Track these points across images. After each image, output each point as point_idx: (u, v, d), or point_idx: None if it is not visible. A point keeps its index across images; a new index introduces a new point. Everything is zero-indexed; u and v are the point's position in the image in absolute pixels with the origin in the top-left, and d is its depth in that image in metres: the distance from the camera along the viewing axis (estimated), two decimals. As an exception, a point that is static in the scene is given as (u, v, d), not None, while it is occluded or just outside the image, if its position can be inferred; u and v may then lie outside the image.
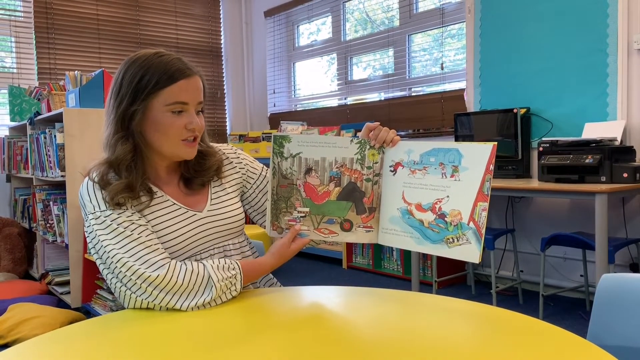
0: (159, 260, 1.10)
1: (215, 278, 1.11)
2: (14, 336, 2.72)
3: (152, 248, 1.11)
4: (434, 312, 1.03)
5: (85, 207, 1.16)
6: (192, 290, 1.09)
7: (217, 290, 1.10)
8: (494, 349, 0.86)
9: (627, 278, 1.09)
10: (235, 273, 1.15)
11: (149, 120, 1.16)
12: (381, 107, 4.65)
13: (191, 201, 1.25)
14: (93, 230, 1.13)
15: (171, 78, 1.14)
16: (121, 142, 1.16)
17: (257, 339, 0.93)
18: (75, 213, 3.13)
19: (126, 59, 1.21)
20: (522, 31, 3.52)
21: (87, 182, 1.17)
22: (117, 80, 1.18)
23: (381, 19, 4.77)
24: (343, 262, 4.45)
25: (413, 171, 1.18)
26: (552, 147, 2.98)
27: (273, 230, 1.24)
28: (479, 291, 3.58)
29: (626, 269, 3.09)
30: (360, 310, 1.06)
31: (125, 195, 1.13)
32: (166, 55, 1.18)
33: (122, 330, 1.00)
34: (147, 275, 1.07)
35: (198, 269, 1.12)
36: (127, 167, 1.16)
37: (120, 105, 1.16)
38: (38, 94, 3.92)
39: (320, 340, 0.91)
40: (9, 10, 4.63)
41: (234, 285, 1.14)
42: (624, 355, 1.02)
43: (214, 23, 5.82)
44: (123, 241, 1.10)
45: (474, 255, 1.09)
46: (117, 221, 1.12)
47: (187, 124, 1.17)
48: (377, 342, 0.89)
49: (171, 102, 1.15)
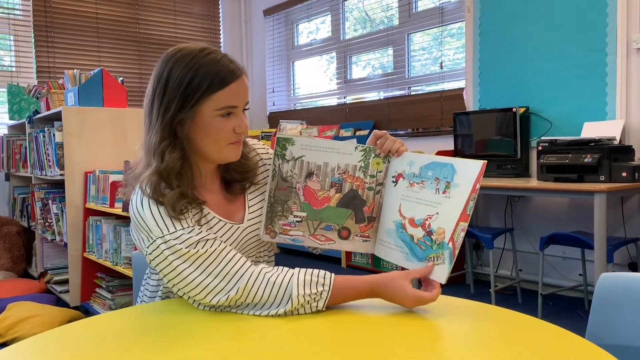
0: (245, 273, 1.04)
1: (295, 293, 1.02)
2: (13, 335, 2.71)
3: (233, 260, 1.06)
4: (433, 311, 1.03)
5: (150, 231, 1.06)
6: (272, 302, 1.03)
7: (294, 304, 1.02)
8: (493, 348, 0.86)
9: (626, 277, 1.09)
10: (322, 291, 1.04)
11: (197, 126, 1.09)
12: (380, 106, 4.64)
13: (231, 211, 1.20)
14: (165, 256, 1.05)
15: (223, 81, 1.07)
16: (169, 150, 1.09)
17: (256, 337, 0.93)
18: (74, 211, 3.13)
19: (166, 54, 1.12)
20: (522, 30, 3.52)
21: (141, 198, 1.09)
22: (161, 80, 1.09)
23: (380, 18, 4.77)
24: (342, 261, 4.45)
25: (412, 184, 1.14)
26: (551, 146, 2.98)
27: (266, 234, 1.20)
28: (477, 290, 3.59)
29: (625, 268, 3.09)
30: (359, 309, 1.06)
31: (184, 202, 1.08)
32: (213, 52, 1.10)
33: (121, 329, 1.00)
34: (223, 300, 1.03)
35: (284, 281, 1.04)
36: (177, 174, 1.09)
37: (168, 111, 1.08)
38: (37, 93, 3.91)
39: (320, 340, 0.91)
40: (8, 9, 4.62)
41: (316, 302, 1.03)
42: (623, 354, 1.02)
43: (213, 22, 5.81)
44: (199, 263, 1.04)
45: (443, 276, 1.06)
46: (187, 242, 1.05)
47: (236, 127, 1.11)
48: (376, 341, 0.89)
49: (222, 107, 1.08)
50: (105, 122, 3.15)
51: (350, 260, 4.42)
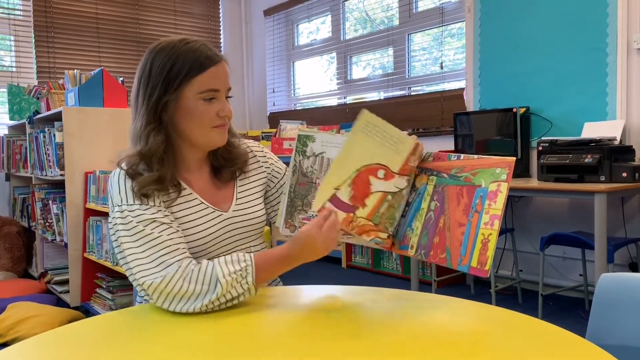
0: (173, 264, 1.06)
1: (220, 273, 1.04)
2: (13, 335, 2.71)
3: (170, 249, 1.08)
4: (433, 311, 1.03)
5: (112, 198, 1.14)
6: (201, 291, 1.04)
7: (224, 286, 1.03)
8: (493, 348, 0.86)
9: (626, 277, 1.09)
10: (245, 265, 1.06)
11: (181, 110, 1.15)
12: (381, 106, 4.64)
13: (218, 199, 1.24)
14: (116, 224, 1.12)
15: (202, 66, 1.14)
16: (154, 134, 1.14)
17: (256, 337, 0.93)
18: (75, 212, 3.13)
19: (150, 48, 1.19)
20: (522, 30, 3.52)
21: (118, 171, 1.16)
22: (145, 70, 1.17)
23: (381, 18, 4.77)
24: (342, 262, 4.45)
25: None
26: (551, 146, 2.98)
27: (286, 227, 1.22)
28: (478, 290, 3.59)
29: (625, 269, 3.09)
30: (359, 309, 1.06)
31: (154, 187, 1.12)
32: (192, 42, 1.17)
33: (122, 329, 1.00)
34: (149, 282, 1.05)
35: (208, 268, 1.06)
36: (160, 159, 1.15)
37: (152, 96, 1.15)
38: (37, 93, 3.91)
39: (320, 339, 0.91)
40: (8, 9, 4.62)
41: (244, 278, 1.05)
42: (623, 354, 1.02)
43: (214, 22, 5.81)
44: (141, 240, 1.08)
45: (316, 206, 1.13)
46: (139, 218, 1.09)
47: (219, 111, 1.17)
48: (377, 341, 0.89)
49: (204, 90, 1.15)
50: (106, 122, 3.15)
51: (351, 261, 4.42)
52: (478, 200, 1.07)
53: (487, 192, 1.06)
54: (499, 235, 1.04)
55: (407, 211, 1.17)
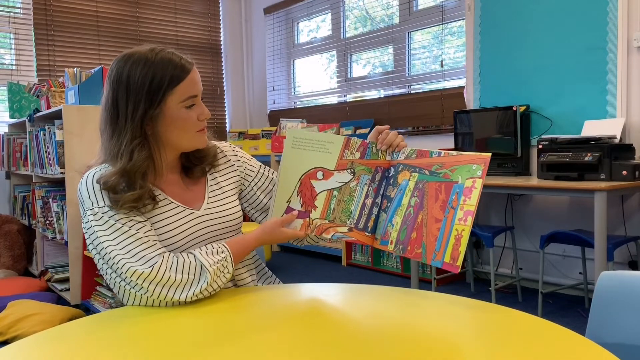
0: (155, 257, 1.10)
1: (207, 263, 1.12)
2: (14, 333, 2.72)
3: (148, 244, 1.11)
4: (433, 310, 1.03)
5: (83, 203, 1.15)
6: (188, 280, 1.10)
7: (211, 275, 1.11)
8: (493, 346, 0.86)
9: (626, 276, 1.09)
10: (225, 255, 1.16)
11: (166, 120, 1.16)
12: (381, 104, 4.64)
13: (189, 199, 1.25)
14: (91, 227, 1.12)
15: (180, 75, 1.16)
16: (139, 149, 1.14)
17: (256, 336, 0.93)
18: (75, 210, 3.13)
19: (117, 60, 1.17)
20: (522, 29, 3.52)
21: (86, 178, 1.16)
22: (121, 84, 1.15)
23: (381, 16, 4.76)
24: (342, 260, 4.45)
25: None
26: (551, 144, 2.98)
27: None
28: (478, 289, 3.59)
29: (625, 267, 3.09)
30: (359, 308, 1.06)
31: (132, 205, 1.12)
32: (161, 50, 1.18)
33: (122, 327, 1.00)
34: (140, 271, 1.08)
35: (189, 258, 1.13)
36: (143, 174, 1.15)
37: (137, 110, 1.14)
38: (37, 91, 3.91)
39: (320, 338, 0.91)
40: (8, 7, 4.62)
41: (226, 267, 1.15)
42: (623, 352, 1.02)
43: (214, 20, 5.81)
44: (119, 237, 1.10)
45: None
46: (114, 217, 1.11)
47: (199, 115, 1.20)
48: (377, 340, 0.89)
49: (185, 98, 1.17)
50: (106, 121, 3.14)
51: (351, 259, 4.42)
52: (454, 196, 1.10)
53: (463, 188, 1.09)
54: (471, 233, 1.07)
55: (389, 207, 1.19)
